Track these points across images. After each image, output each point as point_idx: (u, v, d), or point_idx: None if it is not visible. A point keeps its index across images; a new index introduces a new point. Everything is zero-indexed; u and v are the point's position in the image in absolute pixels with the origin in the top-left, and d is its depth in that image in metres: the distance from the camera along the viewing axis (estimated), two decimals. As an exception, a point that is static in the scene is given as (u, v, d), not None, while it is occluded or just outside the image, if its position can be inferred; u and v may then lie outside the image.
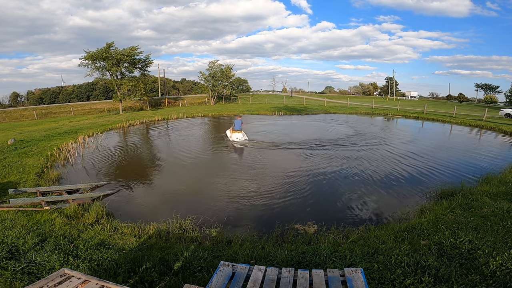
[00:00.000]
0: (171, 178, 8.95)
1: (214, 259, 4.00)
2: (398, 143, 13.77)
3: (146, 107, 39.44)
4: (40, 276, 3.55)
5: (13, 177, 8.05)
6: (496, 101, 59.93)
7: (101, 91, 67.70)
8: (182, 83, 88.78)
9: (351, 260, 3.80)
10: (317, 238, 4.89)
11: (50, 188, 7.18)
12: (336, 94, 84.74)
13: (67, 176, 8.99)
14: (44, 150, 11.51)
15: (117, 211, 6.27)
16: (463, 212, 5.27)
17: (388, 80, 79.50)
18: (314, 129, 19.26)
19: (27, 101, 70.54)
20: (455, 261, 3.62)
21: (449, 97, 74.88)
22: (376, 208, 6.37)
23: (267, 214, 6.12)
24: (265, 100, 49.14)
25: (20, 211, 5.70)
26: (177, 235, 5.03)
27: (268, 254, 4.10)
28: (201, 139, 15.36)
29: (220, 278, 2.54)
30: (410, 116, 26.64)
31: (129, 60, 32.35)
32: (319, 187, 7.76)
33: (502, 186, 6.69)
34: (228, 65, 45.52)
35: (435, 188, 7.33)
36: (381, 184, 7.91)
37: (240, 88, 72.11)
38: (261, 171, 9.11)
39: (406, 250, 3.97)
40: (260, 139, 14.62)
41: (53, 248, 4.23)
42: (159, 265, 3.76)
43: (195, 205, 6.57)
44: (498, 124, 19.75)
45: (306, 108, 33.85)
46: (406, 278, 3.28)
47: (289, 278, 2.55)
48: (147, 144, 14.20)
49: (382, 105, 41.08)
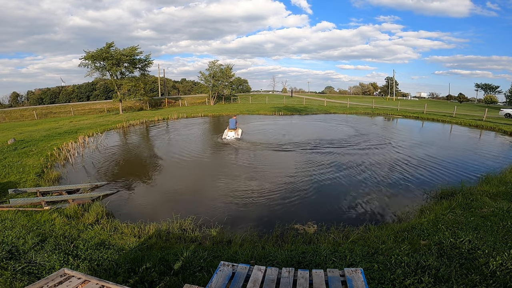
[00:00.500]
0: (171, 178, 8.95)
1: (214, 259, 4.00)
2: (398, 142, 13.78)
3: (146, 107, 39.44)
4: (40, 276, 3.55)
5: (13, 177, 8.06)
6: (496, 101, 59.91)
7: (101, 91, 67.72)
8: (182, 83, 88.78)
9: (351, 260, 3.80)
10: (317, 238, 4.89)
11: (50, 188, 7.19)
12: (336, 94, 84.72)
13: (67, 176, 9.00)
14: (44, 150, 11.52)
15: (117, 211, 6.27)
16: (463, 212, 5.27)
17: (388, 80, 79.48)
18: (314, 128, 19.27)
19: (27, 101, 70.53)
20: (455, 261, 3.62)
21: (449, 97, 74.88)
22: (376, 208, 6.37)
23: (267, 214, 6.12)
24: (265, 100, 49.13)
25: (20, 211, 5.71)
26: (177, 235, 5.03)
27: (268, 254, 4.10)
28: (201, 139, 15.35)
29: (220, 278, 2.54)
30: (410, 116, 26.64)
31: (129, 60, 32.36)
32: (319, 187, 7.75)
33: (502, 186, 6.69)
34: (228, 65, 45.59)
35: (435, 188, 7.34)
36: (381, 184, 7.91)
37: (240, 88, 72.11)
38: (261, 171, 9.11)
39: (406, 250, 3.97)
40: (259, 139, 14.62)
41: (53, 248, 4.23)
42: (159, 265, 3.76)
43: (195, 205, 6.57)
44: (498, 124, 19.75)
45: (306, 108, 33.84)
46: (406, 278, 3.28)
47: (289, 278, 2.55)
48: (147, 144, 14.19)
49: (382, 105, 41.07)
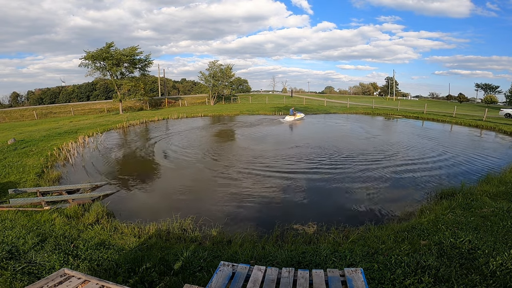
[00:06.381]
0: (171, 178, 8.95)
1: (214, 259, 4.00)
2: (397, 140, 13.79)
3: (146, 107, 39.43)
4: (40, 276, 3.55)
5: (13, 177, 8.05)
6: (496, 101, 59.83)
7: (101, 91, 67.71)
8: (182, 83, 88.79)
9: (351, 260, 3.80)
10: (317, 238, 4.89)
11: (50, 188, 7.19)
12: (336, 94, 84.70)
13: (67, 176, 8.99)
14: (44, 150, 11.51)
15: (117, 211, 6.27)
16: (463, 212, 5.27)
17: (388, 80, 79.42)
18: (314, 128, 19.35)
19: (27, 101, 70.52)
20: (455, 261, 3.62)
21: (449, 97, 74.85)
22: (376, 208, 6.37)
23: (267, 214, 6.12)
24: (265, 100, 49.09)
25: (20, 211, 5.70)
26: (177, 235, 5.03)
27: (268, 254, 4.10)
28: (200, 139, 15.36)
29: (220, 278, 2.54)
30: (410, 116, 26.64)
31: (129, 60, 32.37)
32: (319, 186, 7.75)
33: (502, 186, 6.68)
34: (228, 65, 45.54)
35: (435, 188, 7.34)
36: (381, 184, 7.91)
37: (240, 88, 72.02)
38: (262, 171, 9.10)
39: (406, 250, 3.97)
40: (260, 139, 14.65)
41: (53, 248, 4.23)
42: (159, 265, 3.76)
43: (195, 205, 6.58)
44: (498, 124, 19.75)
45: (306, 108, 33.81)
46: (406, 278, 3.28)
47: (289, 278, 2.55)
48: (147, 144, 14.19)
49: (382, 105, 41.04)
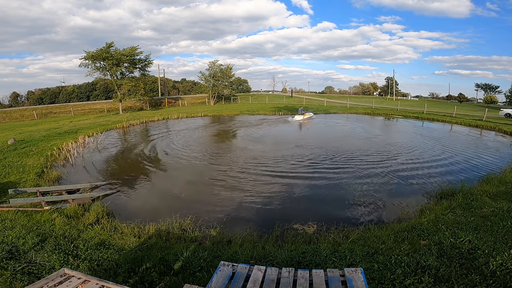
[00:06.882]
0: (171, 178, 8.95)
1: (214, 259, 4.00)
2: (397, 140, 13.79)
3: (146, 107, 39.43)
4: (40, 276, 3.55)
5: (13, 177, 8.05)
6: (496, 101, 59.79)
7: (101, 91, 67.71)
8: (182, 83, 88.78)
9: (351, 260, 3.80)
10: (317, 238, 4.89)
11: (50, 188, 7.18)
12: (336, 94, 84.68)
13: (67, 176, 8.99)
14: (44, 150, 11.51)
15: (117, 211, 6.27)
16: (463, 212, 5.27)
17: (388, 80, 79.40)
18: (314, 128, 19.36)
19: (27, 101, 70.52)
20: (455, 261, 3.62)
21: (449, 97, 74.84)
22: (376, 208, 6.36)
23: (267, 214, 6.12)
24: (265, 100, 49.09)
25: (20, 211, 5.70)
26: (177, 235, 5.03)
27: (268, 254, 4.10)
28: (200, 139, 15.36)
29: (220, 278, 2.54)
30: (410, 116, 26.63)
31: (129, 60, 32.37)
32: (319, 186, 7.75)
33: (502, 186, 6.68)
34: (228, 65, 45.55)
35: (435, 188, 7.33)
36: (381, 184, 7.90)
37: (240, 88, 72.01)
38: (262, 171, 9.10)
39: (406, 250, 3.97)
40: (260, 139, 14.66)
41: (53, 248, 4.23)
42: (159, 265, 3.76)
43: (195, 205, 6.57)
44: (498, 124, 19.74)
45: (306, 108, 33.77)
46: (406, 278, 3.28)
47: (289, 278, 2.55)
48: (147, 144, 14.18)
49: (382, 105, 41.02)
